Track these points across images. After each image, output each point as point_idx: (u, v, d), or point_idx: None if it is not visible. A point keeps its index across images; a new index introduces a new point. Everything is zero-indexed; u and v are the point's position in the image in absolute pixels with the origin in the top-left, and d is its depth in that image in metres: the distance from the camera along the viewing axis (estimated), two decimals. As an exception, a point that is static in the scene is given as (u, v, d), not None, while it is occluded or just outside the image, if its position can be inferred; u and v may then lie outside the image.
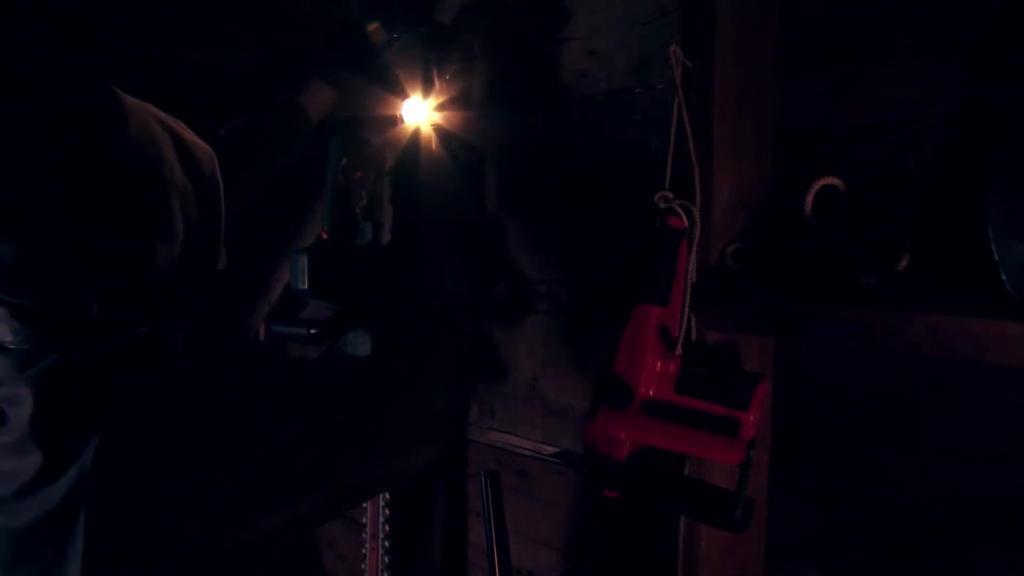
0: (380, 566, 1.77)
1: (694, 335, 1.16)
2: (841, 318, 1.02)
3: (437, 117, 1.57)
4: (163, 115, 1.08)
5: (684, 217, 1.12)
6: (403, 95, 1.58)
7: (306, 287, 1.43)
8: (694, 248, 1.13)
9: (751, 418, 1.04)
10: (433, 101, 1.57)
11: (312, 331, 1.49)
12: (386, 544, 1.76)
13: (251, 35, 1.74)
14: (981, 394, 1.08)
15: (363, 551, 1.80)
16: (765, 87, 1.22)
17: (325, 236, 1.49)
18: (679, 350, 1.12)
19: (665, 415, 1.09)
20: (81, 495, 0.90)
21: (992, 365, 0.98)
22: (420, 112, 1.57)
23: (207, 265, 1.11)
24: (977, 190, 0.97)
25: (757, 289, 1.14)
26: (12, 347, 0.98)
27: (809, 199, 1.14)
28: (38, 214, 0.94)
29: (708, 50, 1.15)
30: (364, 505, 1.77)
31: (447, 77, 1.59)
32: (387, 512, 1.75)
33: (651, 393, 1.11)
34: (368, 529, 1.78)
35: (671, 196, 1.13)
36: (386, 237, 1.70)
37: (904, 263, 1.03)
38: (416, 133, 1.55)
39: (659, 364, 1.11)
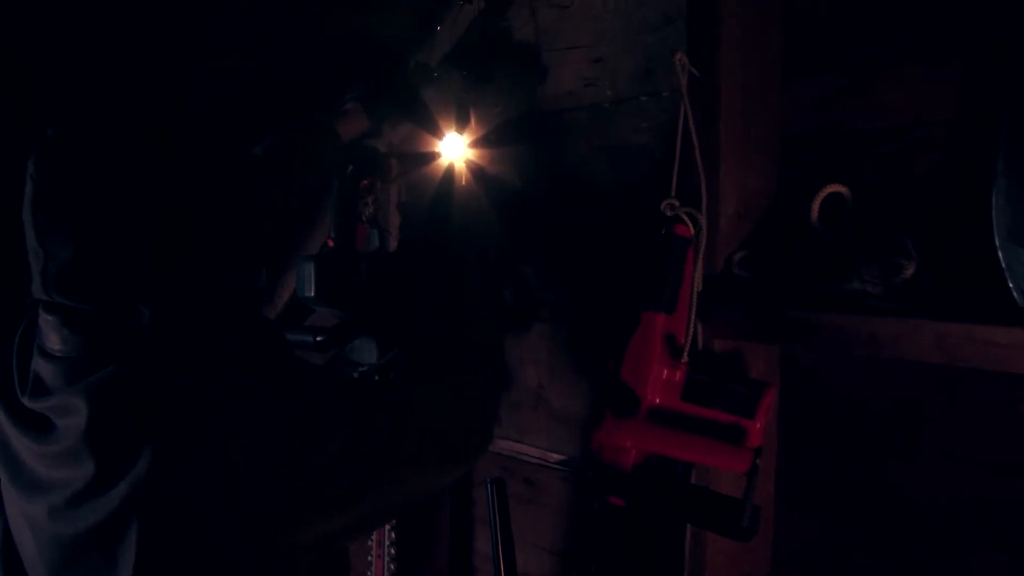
0: (386, 573, 1.77)
1: (700, 343, 1.16)
2: (847, 326, 1.02)
3: (471, 154, 1.58)
4: (215, 141, 1.10)
5: (690, 225, 1.12)
6: (437, 132, 1.59)
7: (312, 294, 1.43)
8: (700, 256, 1.13)
9: (757, 426, 1.04)
10: (467, 138, 1.58)
11: (318, 338, 1.50)
12: (392, 552, 1.76)
13: (295, 49, 1.75)
14: (988, 402, 1.07)
15: (369, 558, 1.80)
16: (770, 94, 1.22)
17: (332, 243, 1.49)
18: (685, 358, 1.12)
19: (671, 423, 1.09)
20: (135, 505, 0.91)
21: (999, 373, 0.98)
22: (455, 148, 1.58)
23: (251, 280, 1.11)
24: (983, 196, 0.97)
25: (763, 297, 1.14)
26: (60, 355, 0.98)
27: (815, 206, 1.14)
28: (96, 217, 0.94)
29: (714, 57, 1.15)
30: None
31: (479, 116, 1.60)
32: (393, 519, 1.75)
33: (657, 401, 1.11)
34: (374, 536, 1.77)
35: (677, 204, 1.13)
36: (392, 245, 1.70)
37: (910, 271, 1.03)
38: (451, 168, 1.57)
39: (665, 372, 1.11)
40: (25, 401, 1.00)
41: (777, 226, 1.22)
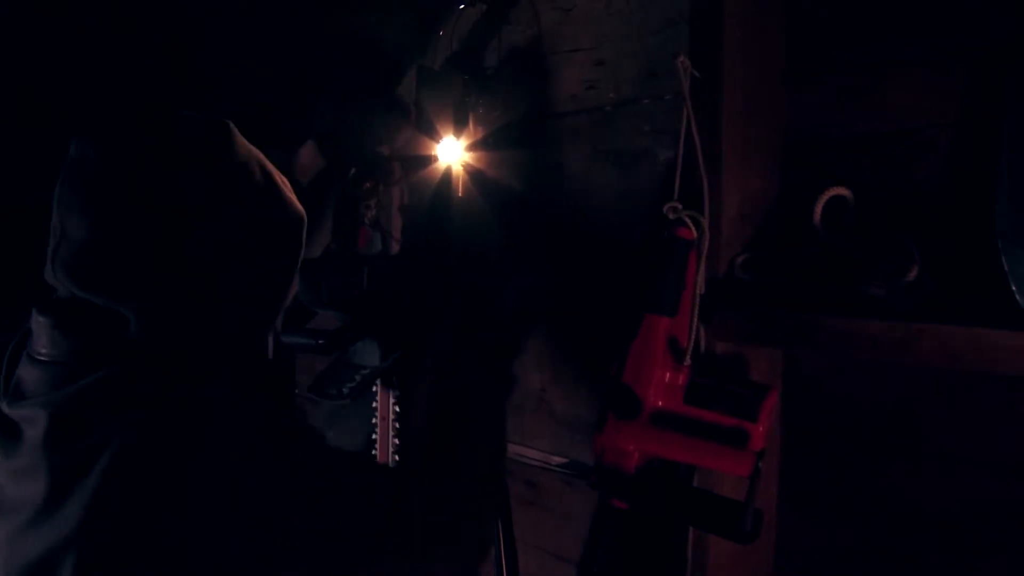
0: None
1: (703, 346, 1.16)
2: (849, 329, 1.02)
3: (473, 157, 1.59)
4: (275, 169, 1.08)
5: (693, 228, 1.12)
6: (437, 135, 1.59)
7: (315, 297, 1.44)
8: (703, 258, 1.13)
9: (760, 429, 1.04)
10: (469, 141, 1.59)
11: (320, 341, 1.50)
12: (394, 554, 1.76)
13: (296, 50, 1.75)
14: (989, 404, 1.07)
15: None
16: (773, 97, 1.22)
17: (334, 246, 1.50)
18: (688, 361, 1.12)
19: (674, 426, 1.09)
20: (81, 531, 0.85)
21: (1000, 375, 0.98)
22: (457, 151, 1.59)
23: (251, 282, 1.05)
24: (986, 200, 0.97)
25: (765, 299, 1.14)
26: (47, 359, 0.95)
27: (818, 209, 1.14)
28: (105, 211, 0.93)
29: (716, 60, 1.15)
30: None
31: (481, 120, 1.61)
32: None
33: (660, 404, 1.11)
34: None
35: (680, 207, 1.12)
36: (395, 247, 1.71)
37: (913, 274, 1.03)
38: (453, 171, 1.57)
39: (668, 375, 1.11)
40: (3, 407, 0.96)
41: (780, 228, 1.22)
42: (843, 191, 1.14)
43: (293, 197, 1.09)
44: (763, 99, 1.21)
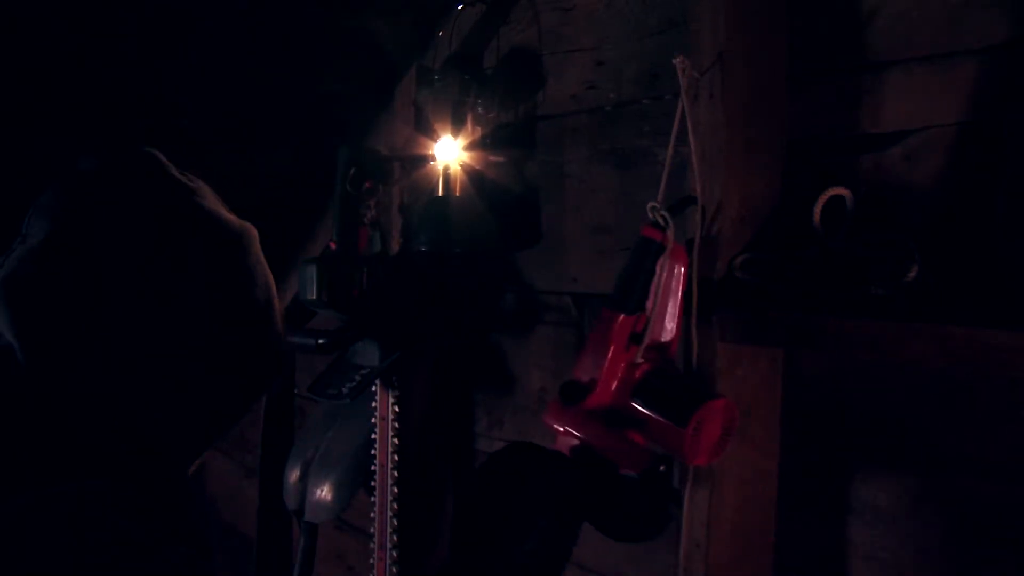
0: (387, 574, 1.77)
1: (696, 347, 1.16)
2: (849, 329, 1.01)
3: (472, 157, 1.60)
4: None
5: (664, 227, 1.12)
6: (432, 135, 1.59)
7: (314, 297, 1.44)
8: (668, 257, 1.12)
9: (688, 432, 1.04)
10: (468, 141, 1.59)
11: (320, 341, 1.50)
12: (394, 554, 1.76)
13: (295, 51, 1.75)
14: (990, 406, 1.07)
15: (371, 561, 1.80)
16: (774, 98, 1.22)
17: (333, 246, 1.50)
18: (639, 359, 1.12)
19: (607, 419, 1.11)
20: None
21: (1002, 376, 0.98)
22: (455, 152, 1.59)
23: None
24: (986, 200, 0.97)
25: (765, 300, 1.14)
26: None
27: (817, 210, 1.14)
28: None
29: (717, 61, 1.15)
30: (372, 515, 1.78)
31: (480, 120, 1.61)
32: (395, 522, 1.75)
33: (607, 397, 1.12)
34: (376, 539, 1.77)
35: (657, 206, 1.13)
36: (394, 247, 1.71)
37: (913, 273, 1.02)
38: (452, 172, 1.57)
39: (620, 371, 1.12)
40: None
41: (781, 230, 1.21)
42: (843, 191, 1.14)
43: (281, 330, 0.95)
44: (764, 100, 1.20)
